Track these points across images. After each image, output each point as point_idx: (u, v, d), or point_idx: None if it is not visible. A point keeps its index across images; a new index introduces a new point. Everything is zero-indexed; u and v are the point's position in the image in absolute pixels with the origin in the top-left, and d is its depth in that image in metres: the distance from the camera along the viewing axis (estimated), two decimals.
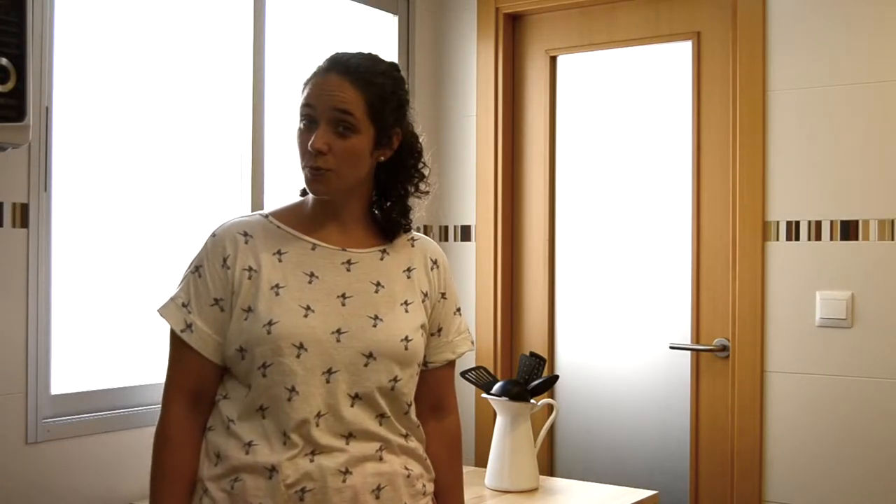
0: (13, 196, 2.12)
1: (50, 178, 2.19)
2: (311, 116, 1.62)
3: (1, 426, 2.10)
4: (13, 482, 2.12)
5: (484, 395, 2.64)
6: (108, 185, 2.41)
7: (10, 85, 1.84)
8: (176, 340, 1.64)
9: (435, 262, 1.78)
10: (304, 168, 1.64)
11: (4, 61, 1.83)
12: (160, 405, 1.65)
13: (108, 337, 2.41)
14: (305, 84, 1.66)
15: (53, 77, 2.19)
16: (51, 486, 2.19)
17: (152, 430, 1.65)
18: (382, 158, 1.68)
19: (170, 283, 1.70)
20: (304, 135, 1.63)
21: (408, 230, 1.76)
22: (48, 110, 2.17)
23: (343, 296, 1.63)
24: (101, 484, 2.29)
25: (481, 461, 3.02)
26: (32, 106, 1.94)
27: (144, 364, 2.45)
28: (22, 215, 2.14)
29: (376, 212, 1.74)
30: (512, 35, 3.29)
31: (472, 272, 3.27)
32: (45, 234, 2.19)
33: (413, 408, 1.70)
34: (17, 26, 1.85)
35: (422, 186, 1.76)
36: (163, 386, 1.66)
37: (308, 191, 1.68)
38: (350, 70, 1.62)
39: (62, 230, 2.26)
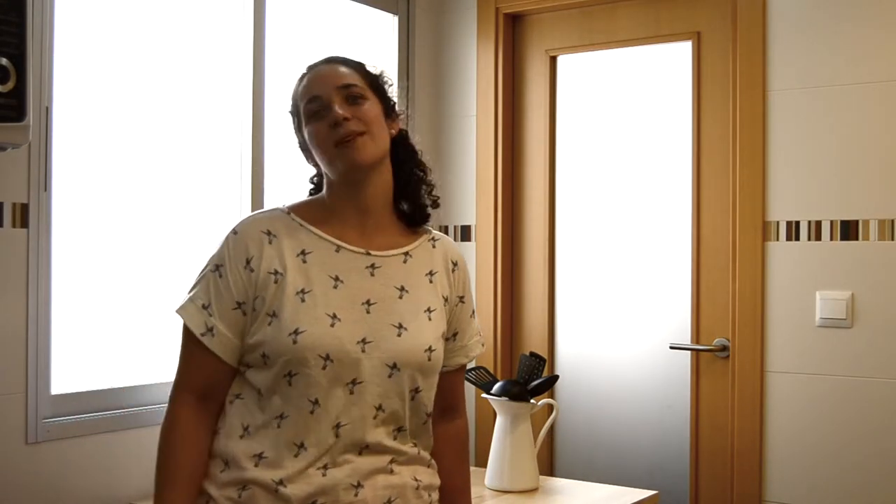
0: (13, 196, 2.12)
1: (50, 178, 2.19)
2: (320, 105, 1.62)
3: (1, 426, 2.10)
4: (13, 482, 2.12)
5: (484, 395, 2.64)
6: (108, 185, 2.41)
7: (10, 85, 1.83)
8: (192, 341, 1.59)
9: (455, 264, 1.76)
10: (334, 147, 1.60)
11: (4, 61, 1.83)
12: (168, 402, 1.61)
13: (108, 337, 2.41)
14: (299, 88, 1.67)
15: (53, 77, 2.19)
16: (51, 486, 2.19)
17: (153, 430, 1.63)
18: (393, 132, 1.69)
19: (170, 282, 1.69)
20: (319, 125, 1.61)
21: (437, 206, 1.76)
22: (48, 110, 2.17)
23: (367, 302, 1.61)
24: (101, 484, 2.29)
25: (481, 461, 3.01)
26: (32, 106, 1.94)
27: (145, 364, 2.45)
28: (22, 215, 2.14)
29: (402, 204, 1.73)
30: (512, 35, 3.29)
31: (472, 272, 3.27)
32: (45, 234, 2.18)
33: (430, 418, 1.69)
34: (17, 26, 1.85)
35: (429, 177, 1.76)
36: (170, 385, 1.62)
37: (345, 167, 1.61)
38: (338, 59, 1.70)
39: (62, 230, 2.26)
